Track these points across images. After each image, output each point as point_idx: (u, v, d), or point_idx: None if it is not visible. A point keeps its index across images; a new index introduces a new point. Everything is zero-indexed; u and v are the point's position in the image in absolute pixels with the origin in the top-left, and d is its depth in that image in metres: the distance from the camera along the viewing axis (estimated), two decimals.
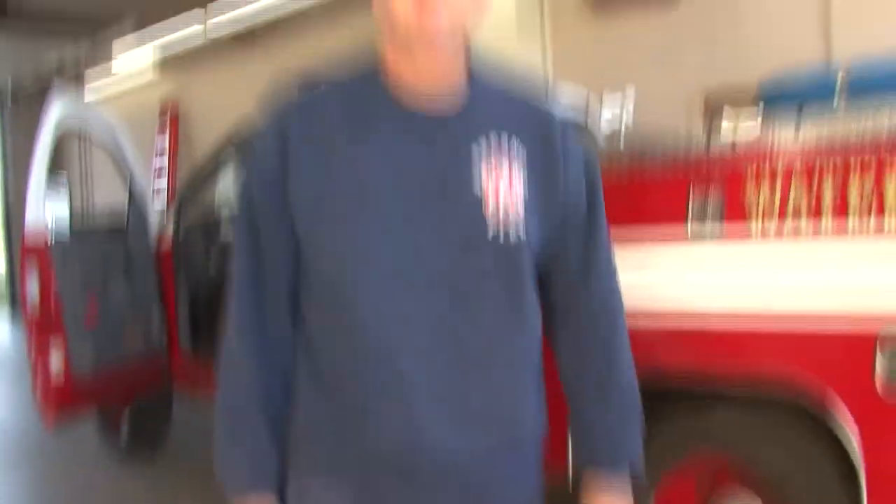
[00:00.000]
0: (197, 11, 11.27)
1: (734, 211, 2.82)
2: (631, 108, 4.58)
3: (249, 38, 11.76)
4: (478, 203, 1.54)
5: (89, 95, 14.21)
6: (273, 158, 1.56)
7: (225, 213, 6.33)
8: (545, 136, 1.62)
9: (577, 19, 8.06)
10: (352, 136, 1.55)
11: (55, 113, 5.20)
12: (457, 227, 1.53)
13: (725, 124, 4.74)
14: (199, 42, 11.78)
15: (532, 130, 1.61)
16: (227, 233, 6.19)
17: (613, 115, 4.61)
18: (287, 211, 1.55)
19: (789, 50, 6.78)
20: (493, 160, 1.55)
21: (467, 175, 1.54)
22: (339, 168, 1.53)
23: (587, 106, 4.72)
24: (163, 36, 12.00)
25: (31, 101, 14.41)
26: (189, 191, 5.87)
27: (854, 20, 6.46)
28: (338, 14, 10.48)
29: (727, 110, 7.37)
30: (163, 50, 12.45)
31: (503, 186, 1.55)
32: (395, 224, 1.51)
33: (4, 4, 10.83)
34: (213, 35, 11.39)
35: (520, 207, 1.56)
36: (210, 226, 6.19)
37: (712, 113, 7.46)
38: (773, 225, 2.74)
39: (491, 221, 1.53)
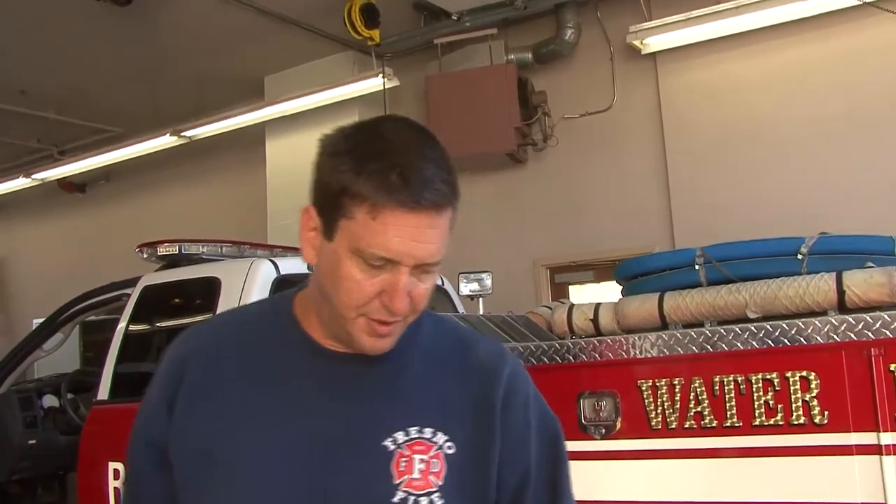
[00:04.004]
0: (22, 162, 10.94)
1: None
2: (489, 282, 4.56)
3: (77, 187, 11.50)
4: (389, 461, 1.41)
5: None
6: (160, 413, 1.48)
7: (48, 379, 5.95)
8: (484, 396, 1.51)
9: None
10: (253, 383, 1.46)
11: None
12: (354, 488, 1.40)
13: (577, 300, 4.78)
14: (22, 188, 11.36)
15: (469, 389, 1.51)
16: (47, 400, 5.78)
17: (472, 289, 4.58)
18: (169, 468, 1.46)
19: (632, 231, 7.15)
20: (409, 448, 1.43)
21: (382, 437, 1.42)
22: (233, 423, 1.43)
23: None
24: None
25: None
26: (10, 357, 5.52)
27: (690, 210, 6.90)
28: (171, 165, 10.39)
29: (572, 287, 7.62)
30: None
31: (417, 464, 1.42)
32: (293, 483, 1.39)
33: None
34: (38, 181, 11.02)
35: (437, 480, 1.42)
36: (30, 392, 5.72)
37: (557, 285, 7.71)
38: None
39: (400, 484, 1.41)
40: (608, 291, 5.78)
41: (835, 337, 2.58)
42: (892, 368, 2.54)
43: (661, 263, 3.93)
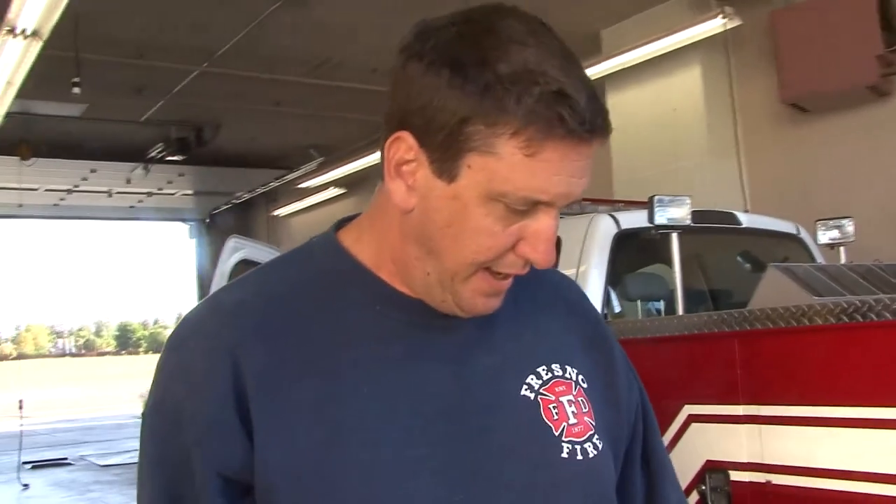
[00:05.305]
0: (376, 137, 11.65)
1: None
2: (851, 228, 4.19)
3: None
4: (537, 411, 1.15)
5: (279, 215, 14.96)
6: (229, 428, 1.06)
7: None
8: (584, 325, 1.29)
9: (772, 121, 7.71)
10: (345, 365, 1.09)
11: (229, 251, 5.80)
12: (514, 461, 1.12)
13: None
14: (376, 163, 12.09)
15: (564, 318, 1.27)
16: None
17: (832, 237, 4.23)
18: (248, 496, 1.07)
19: None
20: (548, 390, 1.17)
21: (514, 388, 1.15)
22: (338, 425, 1.06)
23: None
24: (346, 162, 12.39)
25: (225, 226, 15.28)
26: None
27: None
28: None
29: None
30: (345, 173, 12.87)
31: (568, 407, 1.17)
32: (431, 478, 1.07)
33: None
34: None
35: (591, 420, 1.18)
36: None
37: None
38: None
39: (561, 435, 1.14)
40: None
41: None
42: None
43: None
